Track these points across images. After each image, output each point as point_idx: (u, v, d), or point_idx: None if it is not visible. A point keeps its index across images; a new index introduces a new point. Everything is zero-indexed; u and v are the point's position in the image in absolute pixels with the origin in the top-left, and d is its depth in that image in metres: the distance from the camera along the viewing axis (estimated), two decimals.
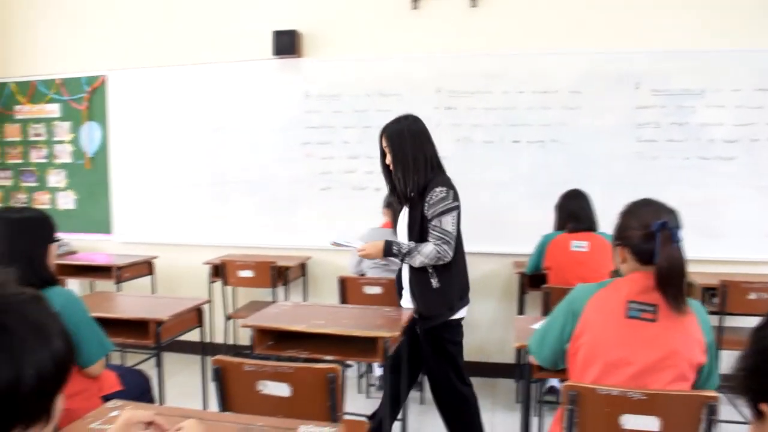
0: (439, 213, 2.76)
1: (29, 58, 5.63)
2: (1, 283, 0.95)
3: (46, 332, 0.92)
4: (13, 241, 2.29)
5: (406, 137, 2.84)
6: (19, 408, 0.87)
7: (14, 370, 0.86)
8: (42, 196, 5.67)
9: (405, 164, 2.82)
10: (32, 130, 5.65)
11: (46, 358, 0.90)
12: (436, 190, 2.76)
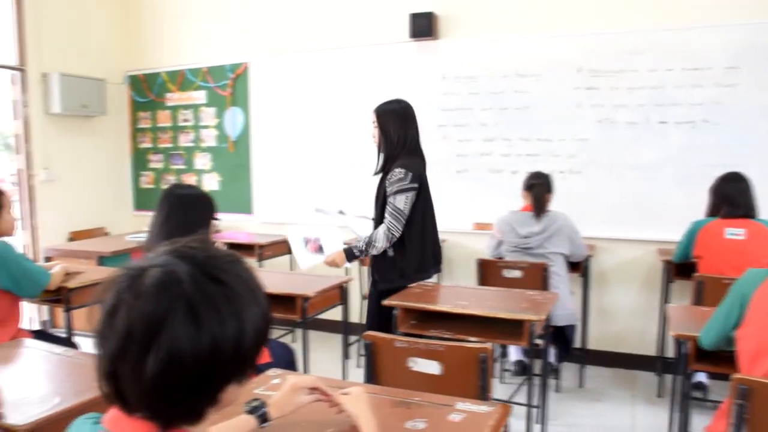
0: (394, 192, 3.09)
1: (179, 49, 6.10)
2: (206, 245, 0.98)
3: (256, 290, 0.97)
4: (183, 213, 2.58)
5: (392, 118, 3.22)
6: (238, 363, 0.93)
7: (238, 325, 0.91)
8: (189, 177, 6.15)
9: (385, 141, 3.22)
10: (181, 116, 6.13)
11: (258, 316, 0.95)
12: (396, 170, 3.09)
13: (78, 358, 2.08)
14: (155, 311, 0.86)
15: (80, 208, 5.96)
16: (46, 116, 5.65)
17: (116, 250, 4.74)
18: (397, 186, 3.09)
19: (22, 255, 3.10)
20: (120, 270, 0.94)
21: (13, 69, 5.49)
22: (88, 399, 1.72)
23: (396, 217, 3.09)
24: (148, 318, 0.86)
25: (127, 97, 6.43)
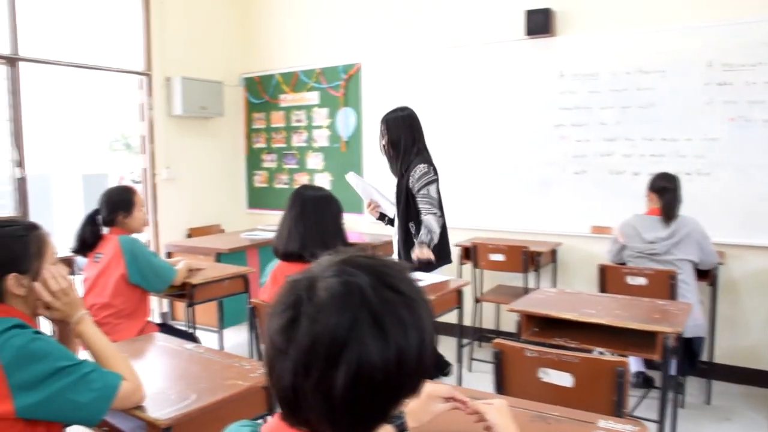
0: (424, 184, 3.55)
1: (292, 51, 6.28)
2: (374, 254, 0.96)
3: (427, 299, 0.95)
4: (314, 214, 2.64)
5: (400, 124, 3.67)
6: (419, 375, 0.90)
7: (420, 335, 0.89)
8: (302, 177, 6.31)
9: (397, 145, 3.67)
10: (294, 116, 6.31)
11: (432, 325, 0.93)
12: (419, 166, 3.55)
13: (207, 355, 2.17)
14: (340, 323, 0.83)
15: (197, 206, 6.25)
16: (168, 118, 5.96)
17: (233, 247, 4.94)
18: (425, 179, 3.55)
19: (151, 251, 3.29)
20: (289, 283, 0.92)
21: (140, 74, 5.83)
22: (222, 398, 1.79)
23: (433, 205, 3.54)
24: (334, 331, 0.83)
25: (243, 99, 6.67)
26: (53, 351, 1.55)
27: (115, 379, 1.64)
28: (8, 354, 1.49)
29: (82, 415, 1.58)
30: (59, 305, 1.72)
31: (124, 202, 3.25)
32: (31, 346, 1.52)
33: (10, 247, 1.64)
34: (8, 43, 4.85)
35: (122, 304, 3.15)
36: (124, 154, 5.96)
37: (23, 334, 1.54)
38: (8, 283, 1.62)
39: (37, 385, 1.50)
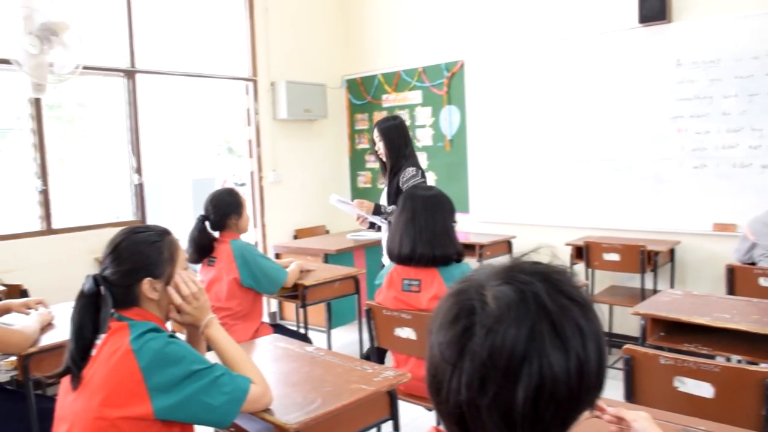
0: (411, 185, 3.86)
1: (394, 51, 6.31)
2: (539, 261, 0.92)
3: (594, 308, 0.89)
4: (427, 214, 2.65)
5: (393, 133, 4.07)
6: (598, 389, 0.86)
7: (598, 346, 0.84)
8: None
9: (391, 151, 4.07)
10: None
11: (603, 335, 0.89)
12: (409, 169, 3.98)
13: (328, 357, 2.21)
14: (519, 334, 0.79)
15: (303, 207, 6.40)
16: (273, 122, 6.14)
17: (341, 248, 5.02)
18: (413, 181, 3.92)
19: (262, 254, 3.39)
20: (453, 292, 0.89)
21: (247, 80, 6.04)
22: (348, 402, 1.81)
23: None
24: (513, 342, 0.78)
25: (345, 100, 6.78)
26: (187, 355, 1.62)
27: (245, 382, 1.69)
28: (146, 357, 1.56)
29: (214, 417, 1.63)
30: (190, 309, 1.80)
31: (234, 204, 3.37)
32: (166, 349, 1.59)
33: (145, 253, 1.72)
34: (127, 57, 5.14)
35: (237, 307, 3.28)
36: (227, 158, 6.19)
37: (159, 338, 1.61)
38: (143, 288, 1.70)
39: (172, 388, 1.56)
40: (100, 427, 1.53)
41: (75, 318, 1.65)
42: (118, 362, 1.56)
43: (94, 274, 1.68)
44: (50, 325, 2.81)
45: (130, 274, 1.70)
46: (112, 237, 1.76)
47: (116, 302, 1.68)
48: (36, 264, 4.54)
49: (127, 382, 1.54)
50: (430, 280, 2.62)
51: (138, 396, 1.54)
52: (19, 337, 2.49)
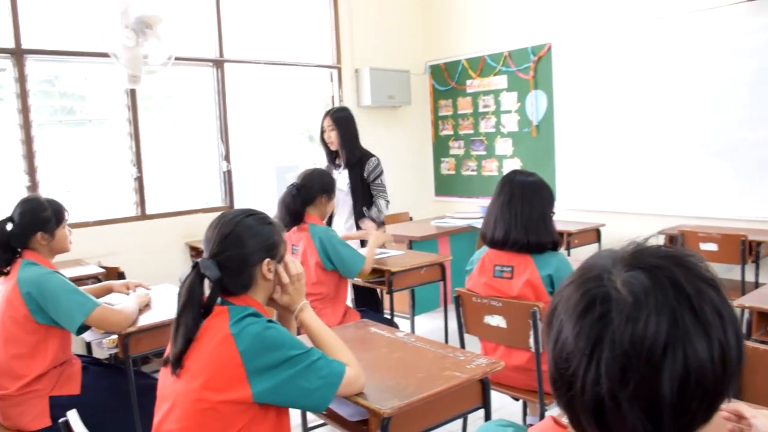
0: (378, 175, 4.18)
1: (479, 35, 6.21)
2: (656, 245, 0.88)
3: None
4: (524, 200, 2.58)
5: (345, 122, 4.10)
6: (737, 376, 0.81)
7: (736, 331, 0.79)
8: (490, 163, 6.25)
9: (351, 140, 4.10)
10: (481, 102, 6.25)
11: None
12: (372, 159, 4.16)
13: (419, 344, 2.19)
14: (660, 320, 0.75)
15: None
16: (357, 109, 6.16)
17: (425, 234, 5.00)
18: (378, 170, 4.17)
19: (339, 239, 3.35)
20: (578, 278, 0.84)
21: (331, 67, 6.08)
22: (441, 389, 1.78)
23: (385, 191, 4.25)
24: (655, 329, 0.75)
25: (429, 86, 6.73)
26: (285, 339, 1.62)
27: (340, 366, 1.69)
28: (245, 341, 1.58)
29: (310, 401, 1.64)
30: (291, 290, 1.82)
31: (327, 186, 3.37)
32: (265, 334, 1.60)
33: (264, 234, 1.74)
34: (216, 47, 5.27)
35: (324, 291, 3.30)
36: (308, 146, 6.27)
37: (258, 323, 1.62)
38: (262, 269, 1.72)
39: (271, 372, 1.57)
40: (200, 409, 1.56)
41: (184, 306, 1.64)
42: (218, 346, 1.58)
43: (201, 260, 1.68)
44: (148, 306, 2.91)
45: (251, 255, 1.71)
46: (219, 222, 1.74)
47: (228, 287, 1.68)
48: (131, 248, 4.74)
49: (226, 366, 1.56)
50: (523, 267, 2.56)
51: (237, 380, 1.55)
52: (119, 317, 2.59)
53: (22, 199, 2.66)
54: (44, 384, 2.51)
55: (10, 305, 2.45)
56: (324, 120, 4.15)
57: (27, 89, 4.36)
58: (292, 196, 3.27)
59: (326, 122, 4.12)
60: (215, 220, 1.76)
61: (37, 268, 2.51)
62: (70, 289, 2.50)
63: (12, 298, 2.45)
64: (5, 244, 2.54)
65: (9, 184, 4.44)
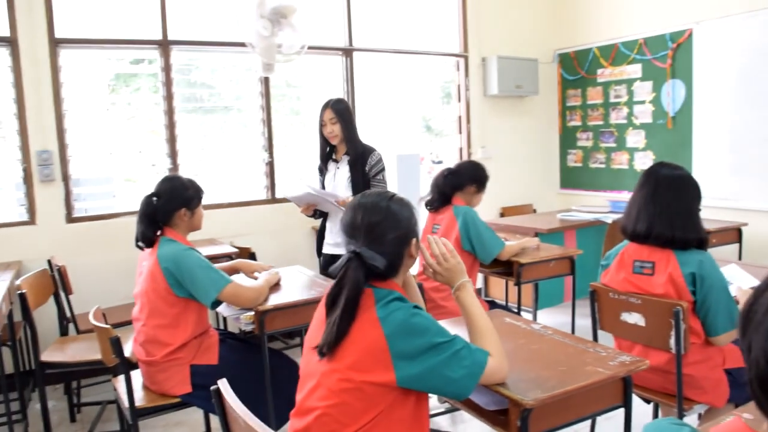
0: (380, 170, 3.86)
1: (612, 22, 5.97)
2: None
3: None
4: (670, 195, 2.47)
5: (347, 114, 3.85)
6: None
7: None
8: (620, 156, 6.01)
9: (354, 133, 3.87)
10: (613, 92, 6.01)
11: None
12: (375, 153, 3.87)
13: (557, 337, 2.15)
14: None
15: (510, 185, 6.31)
16: (483, 98, 6.10)
17: (552, 227, 4.89)
18: (380, 165, 3.87)
19: (484, 223, 3.41)
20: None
21: (458, 56, 6.05)
22: (584, 384, 1.74)
23: (386, 188, 3.87)
24: None
25: (557, 76, 6.56)
26: (430, 326, 1.63)
27: (483, 356, 1.68)
28: (391, 326, 1.59)
29: (452, 389, 1.64)
30: (441, 270, 1.86)
31: (479, 177, 3.53)
32: (412, 320, 1.61)
33: (410, 214, 1.77)
34: (345, 36, 5.37)
35: None
36: (426, 136, 6.27)
37: (404, 308, 1.63)
38: (411, 250, 1.75)
39: (415, 359, 1.58)
40: (345, 388, 1.59)
41: (348, 300, 1.62)
42: (364, 329, 1.61)
43: (362, 249, 1.66)
44: (278, 286, 3.01)
45: (404, 237, 1.73)
46: (363, 207, 1.72)
47: (384, 272, 1.69)
48: (261, 230, 4.94)
49: (372, 349, 1.58)
50: (665, 263, 2.45)
51: (382, 363, 1.57)
52: (250, 294, 2.71)
53: (165, 177, 2.85)
54: (186, 353, 2.67)
55: (153, 279, 2.63)
56: (324, 112, 3.87)
57: (171, 78, 4.62)
58: (444, 178, 3.48)
59: (327, 114, 3.85)
60: (356, 205, 1.75)
61: (176, 244, 2.67)
62: (205, 265, 2.64)
63: (155, 273, 2.62)
64: (151, 218, 2.71)
65: (154, 167, 4.75)
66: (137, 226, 2.73)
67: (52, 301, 3.78)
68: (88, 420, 3.77)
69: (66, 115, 4.29)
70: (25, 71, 4.11)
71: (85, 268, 4.31)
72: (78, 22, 4.33)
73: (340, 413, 1.60)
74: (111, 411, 3.84)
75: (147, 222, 2.71)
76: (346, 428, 1.60)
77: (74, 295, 3.93)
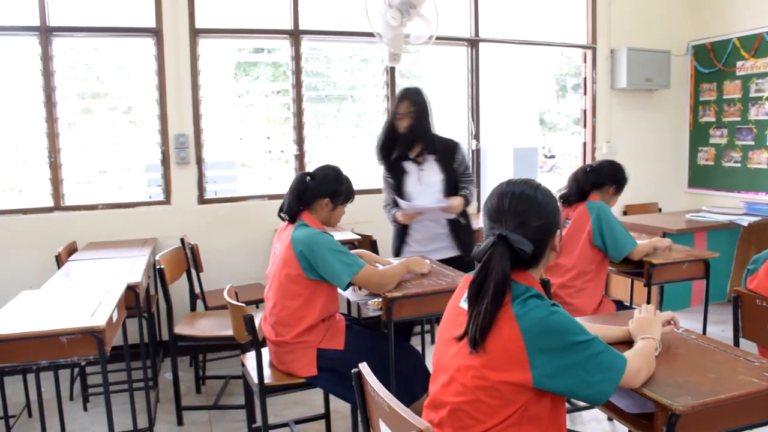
0: (467, 165, 3.58)
1: (755, 10, 5.58)
2: None
3: None
4: None
5: (426, 104, 3.42)
6: None
7: None
8: (758, 155, 5.63)
9: (427, 125, 3.43)
10: (754, 86, 5.63)
11: None
12: (460, 147, 3.55)
13: (702, 342, 2.02)
14: None
15: (635, 182, 5.98)
16: (611, 91, 5.89)
17: (681, 228, 4.66)
18: (466, 160, 3.59)
19: (616, 218, 3.29)
20: None
21: (585, 47, 5.86)
22: (738, 394, 1.63)
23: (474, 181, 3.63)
24: None
25: (690, 68, 6.22)
26: (569, 326, 1.57)
27: (622, 362, 1.61)
28: (529, 324, 1.54)
29: (589, 393, 1.57)
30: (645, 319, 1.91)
31: (618, 178, 3.44)
32: (550, 318, 1.55)
33: (556, 205, 1.73)
34: (472, 27, 5.32)
35: (585, 266, 3.24)
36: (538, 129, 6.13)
37: (542, 306, 1.57)
38: (555, 240, 1.70)
39: (552, 358, 1.53)
40: (479, 386, 1.56)
41: (497, 286, 1.58)
42: (500, 327, 1.56)
43: (509, 233, 1.61)
44: (426, 276, 2.95)
45: (551, 226, 1.70)
46: (510, 193, 1.68)
47: (528, 261, 1.65)
48: (381, 218, 4.97)
49: (509, 348, 1.54)
50: None
51: (519, 362, 1.53)
52: (383, 279, 2.73)
53: (328, 165, 2.91)
54: (314, 336, 2.73)
55: (287, 263, 2.69)
56: (401, 104, 3.41)
57: (301, 67, 4.74)
58: (585, 173, 3.38)
59: (405, 107, 3.39)
60: (503, 192, 1.70)
61: (309, 228, 2.73)
62: (339, 249, 2.68)
63: (288, 257, 2.69)
64: (299, 195, 2.78)
65: (278, 154, 4.92)
66: (285, 198, 2.82)
67: (184, 277, 3.99)
68: (212, 392, 3.96)
69: (201, 102, 4.50)
70: (168, 60, 4.35)
71: (213, 248, 4.51)
72: (214, 13, 4.53)
73: (474, 410, 1.58)
74: (233, 386, 4.01)
75: (293, 197, 2.79)
76: (481, 425, 1.57)
77: (203, 273, 4.12)
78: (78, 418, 3.58)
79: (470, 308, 1.62)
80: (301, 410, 3.64)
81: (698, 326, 3.72)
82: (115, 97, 4.64)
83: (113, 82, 4.61)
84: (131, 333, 3.31)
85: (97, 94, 4.65)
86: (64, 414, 3.12)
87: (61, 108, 4.24)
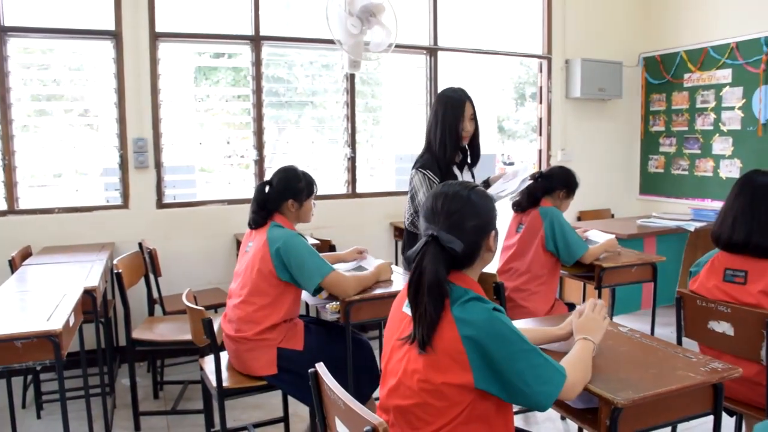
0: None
1: (701, 25, 5.77)
2: None
3: None
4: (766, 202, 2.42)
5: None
6: None
7: None
8: (704, 163, 5.83)
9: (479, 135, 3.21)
10: (700, 97, 5.83)
11: None
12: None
13: (644, 340, 2.12)
14: None
15: (588, 189, 6.15)
16: (566, 100, 6.03)
17: (632, 233, 4.81)
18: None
19: (569, 224, 3.39)
20: None
21: (541, 58, 6.00)
22: (675, 388, 1.72)
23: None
24: None
25: (641, 79, 6.41)
26: (510, 334, 1.58)
27: (560, 378, 1.63)
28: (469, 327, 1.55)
29: (528, 402, 1.60)
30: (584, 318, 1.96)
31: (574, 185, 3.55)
32: (491, 323, 1.57)
33: (492, 206, 1.77)
34: (431, 35, 5.41)
35: (538, 270, 3.34)
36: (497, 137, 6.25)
37: (484, 310, 1.59)
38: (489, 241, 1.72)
39: (493, 364, 1.54)
40: (424, 389, 1.59)
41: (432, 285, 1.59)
42: (442, 328, 1.58)
43: (440, 232, 1.63)
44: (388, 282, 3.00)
45: (485, 226, 1.70)
46: (445, 194, 1.70)
47: (461, 261, 1.67)
48: (341, 223, 5.03)
49: (450, 350, 1.56)
50: (759, 274, 2.39)
51: (460, 364, 1.55)
52: (350, 284, 2.78)
53: (281, 168, 2.95)
54: (275, 335, 2.76)
55: (260, 259, 2.72)
56: (466, 106, 3.08)
57: (261, 72, 4.76)
58: (535, 180, 3.42)
59: (470, 109, 3.10)
60: (437, 193, 1.72)
61: (285, 230, 2.78)
62: (312, 252, 2.75)
63: (263, 254, 2.72)
64: (262, 204, 2.85)
65: (228, 159, 4.94)
66: (250, 211, 2.88)
67: (142, 282, 3.96)
68: (170, 397, 3.94)
69: (161, 105, 4.48)
70: (127, 63, 4.33)
71: (172, 253, 4.49)
72: (174, 17, 4.52)
73: (423, 412, 1.61)
74: (191, 390, 3.99)
75: (258, 207, 2.85)
76: (430, 425, 1.61)
77: (161, 278, 4.11)
78: (31, 426, 3.52)
79: (413, 311, 1.64)
80: (259, 414, 3.64)
81: (647, 328, 3.84)
82: (72, 99, 4.60)
83: (70, 84, 4.57)
84: (88, 339, 3.28)
85: (53, 96, 4.60)
86: (17, 422, 3.08)
87: (16, 110, 4.17)
